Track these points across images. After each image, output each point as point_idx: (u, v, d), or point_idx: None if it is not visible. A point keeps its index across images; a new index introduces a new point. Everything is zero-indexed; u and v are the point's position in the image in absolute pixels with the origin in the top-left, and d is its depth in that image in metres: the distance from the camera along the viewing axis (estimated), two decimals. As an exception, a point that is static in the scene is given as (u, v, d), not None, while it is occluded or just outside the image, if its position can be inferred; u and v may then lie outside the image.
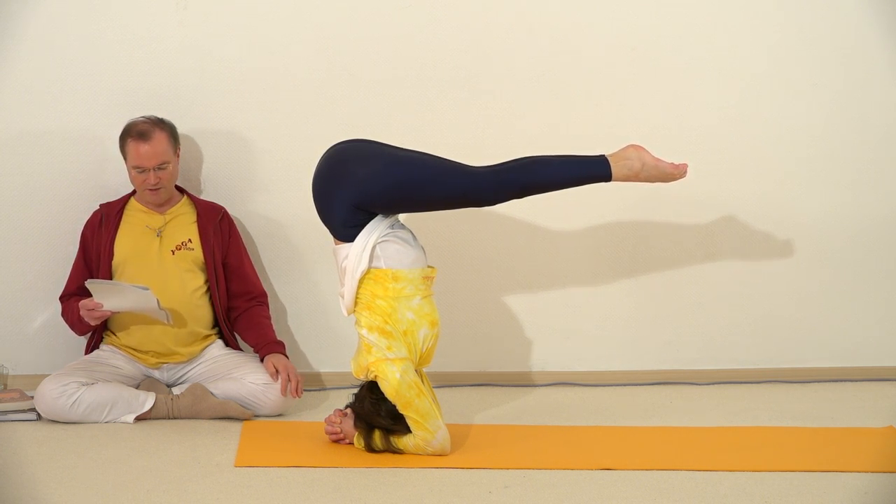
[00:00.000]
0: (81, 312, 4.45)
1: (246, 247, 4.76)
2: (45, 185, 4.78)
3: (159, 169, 4.55)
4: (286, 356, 4.58)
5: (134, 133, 4.55)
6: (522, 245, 4.98)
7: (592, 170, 4.09)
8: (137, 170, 4.55)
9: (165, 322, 4.46)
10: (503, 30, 4.85)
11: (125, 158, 4.58)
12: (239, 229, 4.82)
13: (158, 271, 4.55)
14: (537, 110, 4.89)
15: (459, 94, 4.87)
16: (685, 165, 4.15)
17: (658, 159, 4.12)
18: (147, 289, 4.37)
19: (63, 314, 4.63)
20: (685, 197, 4.96)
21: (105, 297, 4.41)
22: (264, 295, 4.73)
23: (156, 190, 4.58)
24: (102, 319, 4.47)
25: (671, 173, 4.14)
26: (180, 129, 4.68)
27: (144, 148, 4.53)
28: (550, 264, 5.00)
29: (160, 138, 4.55)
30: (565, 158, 4.12)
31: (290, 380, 4.46)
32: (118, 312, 4.46)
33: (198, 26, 4.76)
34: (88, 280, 4.46)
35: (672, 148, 4.47)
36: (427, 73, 4.85)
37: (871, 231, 5.05)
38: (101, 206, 4.67)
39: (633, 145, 4.13)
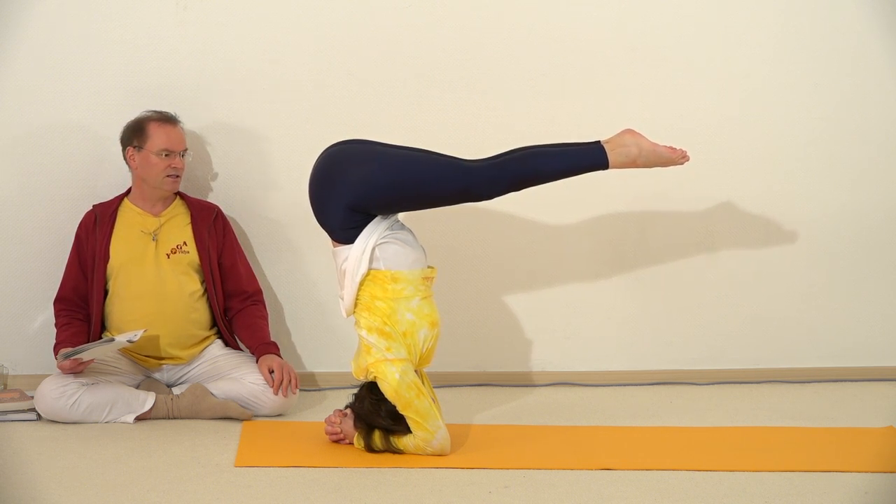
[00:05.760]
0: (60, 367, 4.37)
1: (241, 246, 4.75)
2: (45, 184, 4.77)
3: (183, 155, 4.56)
4: (280, 356, 4.56)
5: (157, 117, 4.55)
6: (522, 245, 4.98)
7: (590, 158, 4.06)
8: (165, 152, 4.52)
9: (134, 340, 4.33)
10: (503, 30, 4.85)
11: (142, 145, 4.52)
12: (238, 229, 4.82)
13: (155, 276, 4.54)
14: (537, 110, 4.88)
15: (459, 94, 4.86)
16: (684, 150, 4.13)
17: (655, 144, 4.09)
18: (112, 339, 4.31)
19: (55, 325, 4.59)
20: (685, 197, 4.97)
21: (80, 356, 4.34)
22: (259, 293, 4.72)
23: (177, 177, 4.56)
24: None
25: (670, 157, 4.11)
26: (180, 130, 4.70)
27: (173, 130, 4.54)
28: (550, 264, 5.00)
29: (181, 127, 4.58)
30: (562, 148, 4.09)
31: (283, 378, 4.45)
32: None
33: (198, 26, 4.76)
34: (62, 353, 4.35)
35: (672, 148, 4.47)
36: (427, 73, 4.85)
37: (872, 231, 5.05)
38: (94, 206, 4.65)
39: (628, 130, 4.10)
